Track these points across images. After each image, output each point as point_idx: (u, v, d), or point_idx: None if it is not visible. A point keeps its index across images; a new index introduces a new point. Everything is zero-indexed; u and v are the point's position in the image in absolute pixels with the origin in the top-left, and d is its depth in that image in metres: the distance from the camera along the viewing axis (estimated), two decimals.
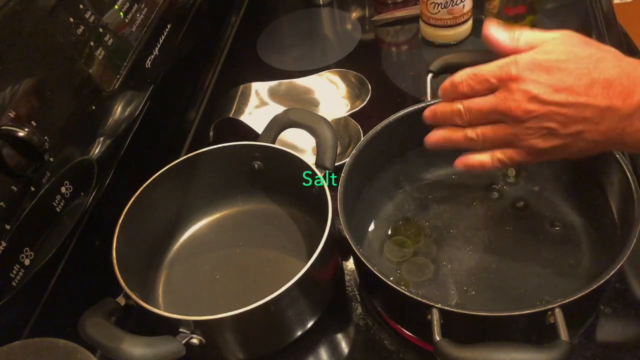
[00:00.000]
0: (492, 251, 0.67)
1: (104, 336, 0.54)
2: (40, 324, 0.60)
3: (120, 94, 0.72)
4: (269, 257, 0.72)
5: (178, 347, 0.55)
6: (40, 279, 0.59)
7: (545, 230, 0.68)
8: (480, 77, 0.54)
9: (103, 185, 0.70)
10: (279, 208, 0.76)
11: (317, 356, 0.66)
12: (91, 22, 0.67)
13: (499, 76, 0.53)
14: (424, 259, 0.68)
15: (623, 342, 0.62)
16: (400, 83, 0.96)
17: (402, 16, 1.08)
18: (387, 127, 0.71)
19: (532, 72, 0.52)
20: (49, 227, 0.60)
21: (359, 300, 0.69)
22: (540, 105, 0.52)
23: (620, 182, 0.62)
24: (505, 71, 0.53)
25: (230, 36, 1.14)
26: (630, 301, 0.64)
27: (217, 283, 0.70)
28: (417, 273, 0.67)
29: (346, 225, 0.61)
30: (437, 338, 0.52)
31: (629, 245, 0.54)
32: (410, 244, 0.69)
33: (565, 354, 0.49)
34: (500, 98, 0.53)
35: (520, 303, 0.62)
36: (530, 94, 0.52)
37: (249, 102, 0.93)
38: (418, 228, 0.71)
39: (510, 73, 0.52)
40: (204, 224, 0.76)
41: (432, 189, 0.75)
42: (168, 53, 0.86)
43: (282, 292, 0.56)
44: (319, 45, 1.10)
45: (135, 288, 0.61)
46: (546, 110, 0.52)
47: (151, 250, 0.71)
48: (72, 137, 0.63)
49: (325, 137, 0.69)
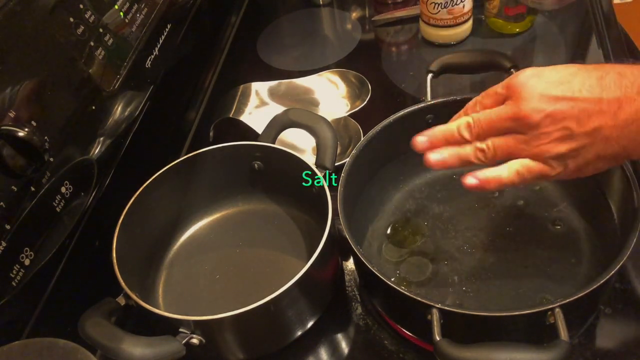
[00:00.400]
0: (492, 251, 0.67)
1: (104, 336, 0.54)
2: (40, 324, 0.60)
3: (120, 94, 0.72)
4: (269, 257, 0.72)
5: (178, 347, 0.55)
6: (40, 279, 0.59)
7: (546, 230, 0.68)
8: (489, 91, 0.53)
9: (103, 185, 0.70)
10: (279, 208, 0.76)
11: (317, 356, 0.66)
12: (91, 22, 0.67)
13: (506, 84, 0.52)
14: (423, 258, 0.68)
15: (623, 342, 0.62)
16: (400, 83, 0.96)
17: (402, 16, 1.08)
18: (387, 127, 0.71)
19: (540, 76, 0.50)
20: (49, 227, 0.60)
21: (359, 300, 0.69)
22: (552, 101, 0.49)
23: (620, 182, 0.62)
24: (513, 81, 0.51)
25: (230, 36, 1.14)
26: (630, 301, 0.64)
27: (217, 283, 0.70)
28: (416, 273, 0.67)
29: (346, 225, 0.61)
30: (437, 338, 0.52)
31: (629, 245, 0.54)
32: (409, 244, 0.69)
33: (565, 354, 0.49)
34: (510, 104, 0.51)
35: (520, 303, 0.62)
36: (540, 93, 0.50)
37: (249, 102, 0.93)
38: (416, 228, 0.71)
39: (517, 78, 0.51)
40: (204, 224, 0.76)
41: (433, 189, 0.75)
42: (168, 53, 0.86)
43: (282, 292, 0.56)
44: (319, 45, 1.10)
45: (135, 288, 0.61)
46: (559, 107, 0.49)
47: (151, 250, 0.71)
48: (72, 137, 0.63)
49: (325, 137, 0.69)
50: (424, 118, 0.72)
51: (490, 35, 1.00)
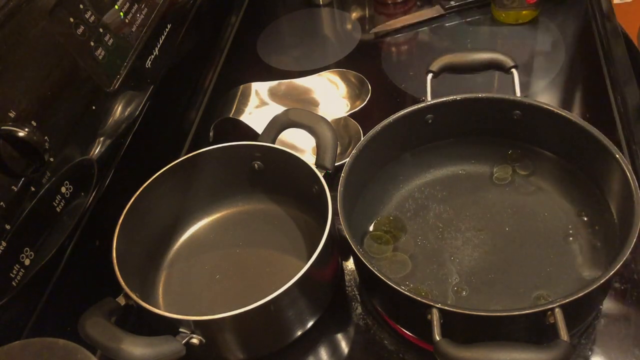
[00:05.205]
0: (492, 251, 0.67)
1: (104, 336, 0.54)
2: (40, 324, 0.60)
3: (120, 94, 0.72)
4: (269, 257, 0.72)
5: (178, 347, 0.55)
6: (40, 279, 0.59)
7: (545, 230, 0.68)
8: None
9: (103, 185, 0.70)
10: (279, 208, 0.76)
11: (317, 356, 0.66)
12: (91, 22, 0.67)
13: None
14: (403, 255, 0.68)
15: (623, 342, 0.62)
16: (400, 83, 0.96)
17: (402, 25, 1.07)
18: (387, 127, 0.71)
19: None
20: (49, 227, 0.60)
21: (359, 300, 0.69)
22: None
23: (620, 182, 0.62)
24: None
25: (230, 36, 1.14)
26: (630, 301, 0.64)
27: (217, 283, 0.70)
28: (396, 269, 0.67)
29: (346, 225, 0.61)
30: (437, 338, 0.52)
31: (629, 245, 0.54)
32: (390, 240, 0.69)
33: (565, 354, 0.49)
34: None
35: (520, 303, 0.62)
36: None
37: (249, 102, 0.93)
38: (397, 225, 0.71)
39: None
40: (204, 224, 0.76)
41: (433, 189, 0.75)
42: (168, 53, 0.86)
43: (282, 292, 0.56)
44: (319, 45, 1.10)
45: (135, 288, 0.61)
46: None
47: (151, 250, 0.71)
48: (72, 137, 0.63)
49: (325, 137, 0.69)
50: (424, 118, 0.73)
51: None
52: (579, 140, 0.67)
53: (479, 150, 0.76)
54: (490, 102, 0.72)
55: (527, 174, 0.74)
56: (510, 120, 0.72)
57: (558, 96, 0.91)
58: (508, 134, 0.74)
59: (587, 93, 0.91)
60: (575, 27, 1.02)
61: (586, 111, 0.87)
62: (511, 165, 0.75)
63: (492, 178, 0.74)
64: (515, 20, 1.01)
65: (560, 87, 0.92)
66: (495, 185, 0.74)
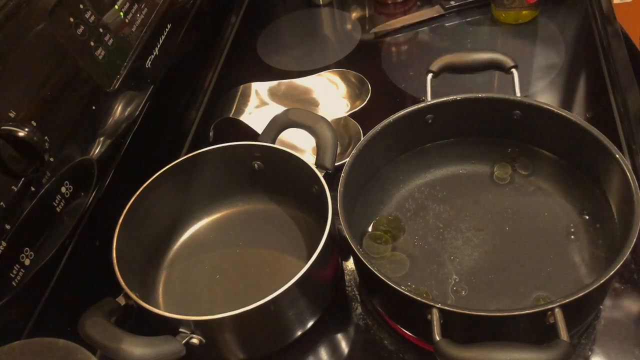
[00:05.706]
0: (492, 251, 0.67)
1: (104, 336, 0.54)
2: (40, 324, 0.60)
3: (120, 94, 0.72)
4: (269, 257, 0.72)
5: (178, 347, 0.55)
6: (40, 279, 0.59)
7: (545, 230, 0.68)
8: None
9: (103, 185, 0.70)
10: (279, 208, 0.76)
11: (317, 356, 0.66)
12: (91, 22, 0.67)
13: None
14: (401, 254, 0.68)
15: (623, 342, 0.62)
16: (400, 83, 0.96)
17: (402, 25, 1.07)
18: (387, 127, 0.71)
19: None
20: (49, 227, 0.60)
21: (359, 300, 0.69)
22: None
23: (620, 182, 0.62)
24: None
25: (230, 36, 1.14)
26: (630, 301, 0.64)
27: (217, 283, 0.70)
28: (394, 269, 0.67)
29: (346, 225, 0.61)
30: (437, 338, 0.52)
31: (629, 245, 0.54)
32: (389, 240, 0.69)
33: (565, 354, 0.49)
34: None
35: (520, 303, 0.62)
36: None
37: (249, 102, 0.93)
38: (396, 224, 0.71)
39: None
40: (204, 224, 0.76)
41: (433, 189, 0.75)
42: (168, 53, 0.86)
43: (282, 292, 0.56)
44: (319, 45, 1.10)
45: (135, 288, 0.61)
46: None
47: (151, 250, 0.71)
48: (72, 137, 0.63)
49: (325, 137, 0.69)
50: (424, 118, 0.73)
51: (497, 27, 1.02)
52: (579, 140, 0.67)
53: (479, 150, 0.76)
54: (490, 102, 0.72)
55: (527, 174, 0.74)
56: (510, 120, 0.72)
57: (558, 96, 0.91)
58: (508, 133, 0.74)
59: (587, 93, 0.91)
60: (575, 27, 1.02)
61: (586, 111, 0.87)
62: (511, 165, 0.75)
63: (492, 178, 0.74)
64: (515, 20, 1.01)
65: (560, 87, 0.92)
66: (495, 185, 0.74)
